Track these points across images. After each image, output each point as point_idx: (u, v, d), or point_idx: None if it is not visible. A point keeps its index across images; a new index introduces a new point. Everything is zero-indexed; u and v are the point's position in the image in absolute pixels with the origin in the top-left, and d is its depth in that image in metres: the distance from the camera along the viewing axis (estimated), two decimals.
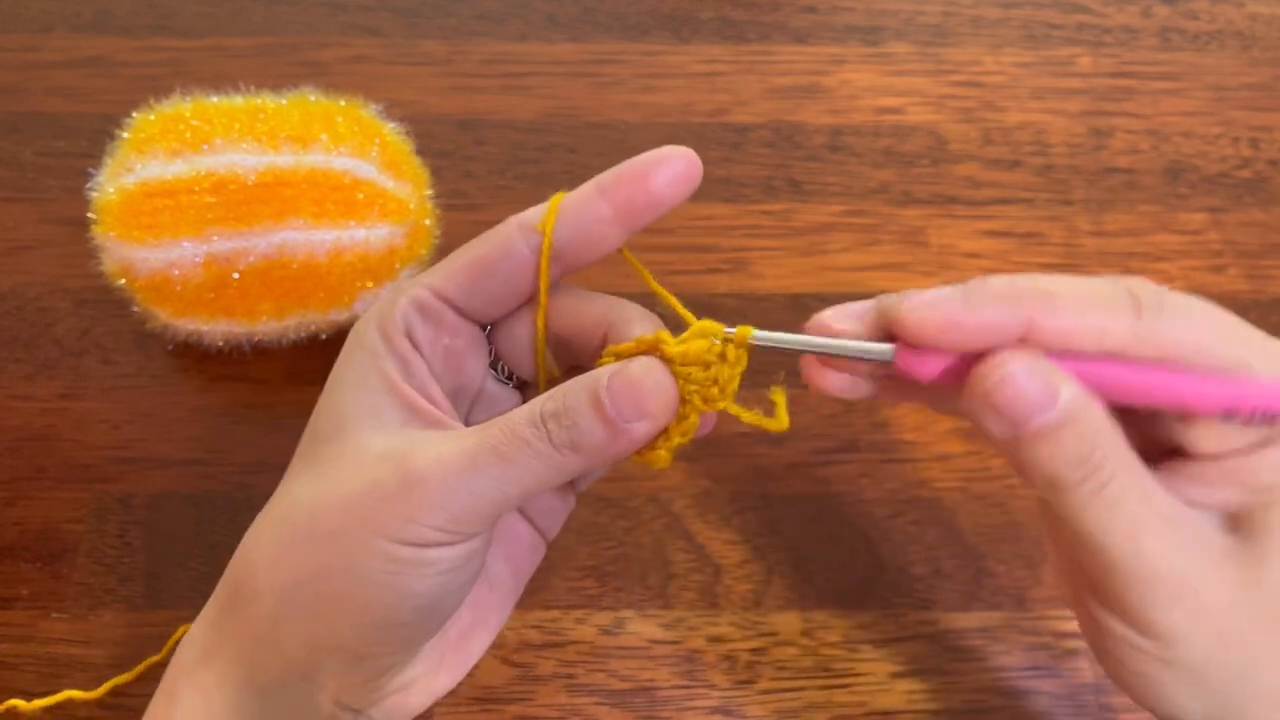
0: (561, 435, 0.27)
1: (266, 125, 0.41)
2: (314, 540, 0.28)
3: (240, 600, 0.29)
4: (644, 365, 0.27)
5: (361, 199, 0.40)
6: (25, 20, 0.54)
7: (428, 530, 0.27)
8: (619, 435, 0.27)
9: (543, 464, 0.27)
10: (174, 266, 0.40)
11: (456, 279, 0.30)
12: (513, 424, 0.27)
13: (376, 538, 0.27)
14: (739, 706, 0.38)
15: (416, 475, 0.27)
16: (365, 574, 0.27)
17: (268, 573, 0.29)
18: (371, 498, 0.27)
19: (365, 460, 0.28)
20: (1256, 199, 0.50)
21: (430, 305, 0.30)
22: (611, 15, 0.55)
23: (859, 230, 0.49)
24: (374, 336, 0.29)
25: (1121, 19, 0.56)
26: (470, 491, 0.27)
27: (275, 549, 0.29)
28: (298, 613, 0.28)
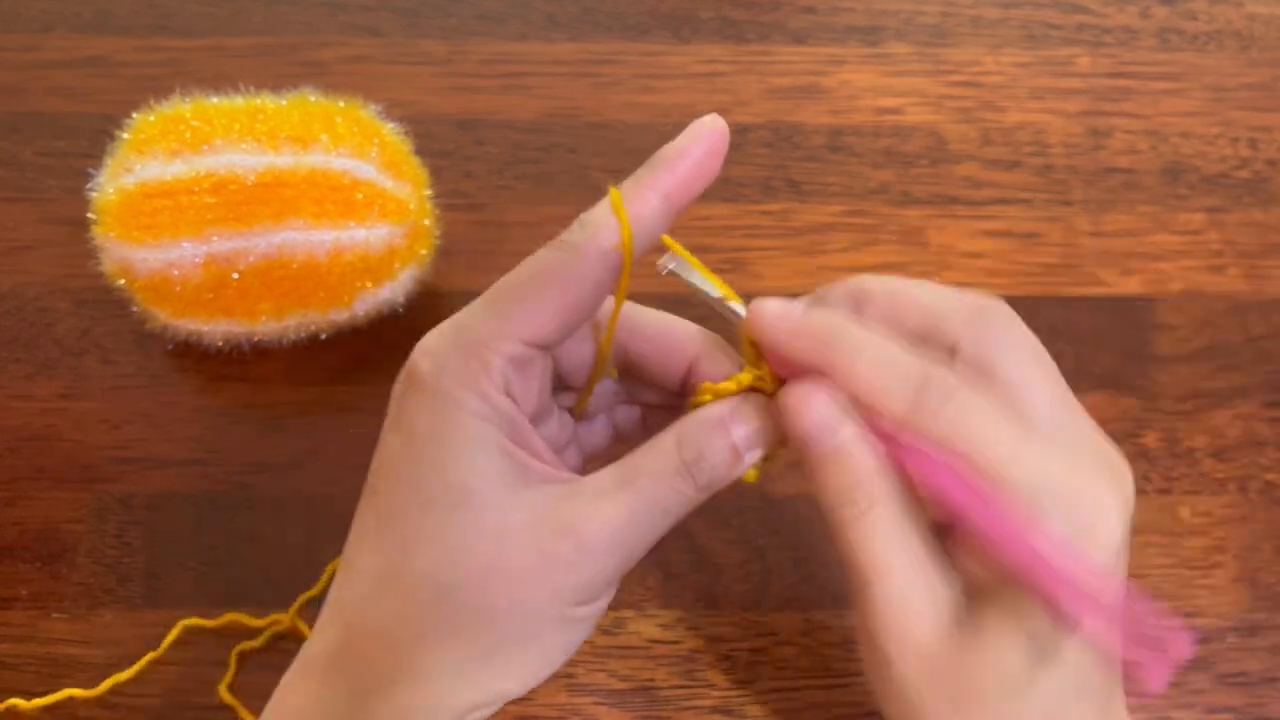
0: (706, 481, 0.29)
1: (266, 125, 0.41)
2: (490, 620, 0.28)
3: (387, 686, 0.28)
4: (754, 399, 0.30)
5: (361, 199, 0.40)
6: (25, 20, 0.54)
7: (598, 588, 0.29)
8: (739, 465, 0.29)
9: (686, 506, 0.29)
10: (174, 267, 0.40)
11: (548, 324, 0.28)
12: (663, 475, 0.29)
13: (554, 605, 0.28)
14: (739, 706, 0.38)
15: (589, 543, 0.28)
16: (543, 639, 0.29)
17: (435, 655, 0.28)
18: (546, 570, 0.28)
19: (517, 530, 0.28)
20: (1256, 199, 0.50)
21: (527, 359, 0.29)
22: (611, 15, 0.55)
23: (858, 230, 0.49)
24: (472, 397, 0.28)
25: (1121, 19, 0.56)
26: (631, 545, 0.29)
27: (439, 632, 0.28)
28: (464, 687, 0.28)
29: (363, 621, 0.29)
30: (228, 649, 0.38)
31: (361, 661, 0.29)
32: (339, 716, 0.28)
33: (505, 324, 0.28)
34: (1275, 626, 0.40)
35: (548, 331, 0.28)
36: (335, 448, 0.43)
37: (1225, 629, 0.40)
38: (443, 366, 0.28)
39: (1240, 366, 0.45)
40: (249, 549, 0.41)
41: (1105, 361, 0.45)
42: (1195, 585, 0.41)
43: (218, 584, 0.40)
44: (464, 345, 0.28)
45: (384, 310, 0.44)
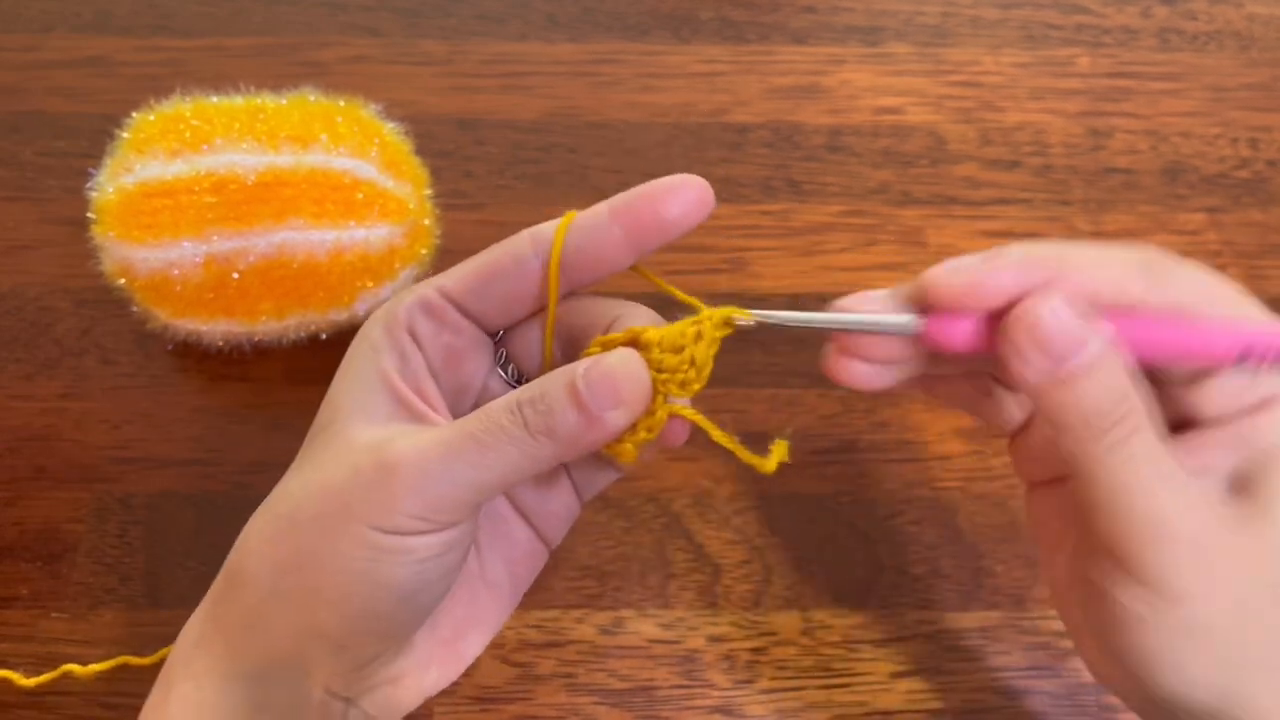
0: (537, 421, 0.27)
1: (266, 125, 0.41)
2: (297, 528, 0.28)
3: (231, 589, 0.30)
4: (620, 355, 0.28)
5: (361, 199, 0.40)
6: (25, 20, 0.54)
7: (405, 518, 0.27)
8: (594, 423, 0.27)
9: (519, 450, 0.27)
10: (174, 266, 0.40)
11: (465, 281, 0.30)
12: (490, 411, 0.28)
13: (355, 525, 0.27)
14: (739, 706, 0.38)
15: (394, 463, 0.27)
16: (345, 561, 0.28)
17: (255, 561, 0.29)
18: (350, 485, 0.28)
19: (350, 451, 0.28)
20: (1255, 199, 0.50)
21: (434, 303, 0.30)
22: (611, 15, 0.55)
23: (858, 230, 0.49)
24: (377, 331, 0.30)
25: (1120, 19, 0.56)
26: (447, 479, 0.27)
27: (262, 538, 0.29)
28: (282, 600, 0.28)
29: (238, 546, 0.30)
30: None
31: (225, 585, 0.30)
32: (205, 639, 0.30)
33: (433, 279, 0.31)
34: None
35: (460, 284, 0.30)
36: None
37: None
38: (376, 313, 0.31)
39: None
40: None
41: None
42: None
43: None
44: (393, 298, 0.31)
45: None
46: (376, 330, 0.30)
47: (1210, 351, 0.27)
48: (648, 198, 0.29)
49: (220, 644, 0.30)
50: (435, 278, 0.31)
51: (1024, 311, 0.26)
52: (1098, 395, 0.26)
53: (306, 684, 0.29)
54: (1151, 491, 0.26)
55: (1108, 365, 0.26)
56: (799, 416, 0.44)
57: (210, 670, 0.29)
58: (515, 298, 0.31)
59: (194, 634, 0.31)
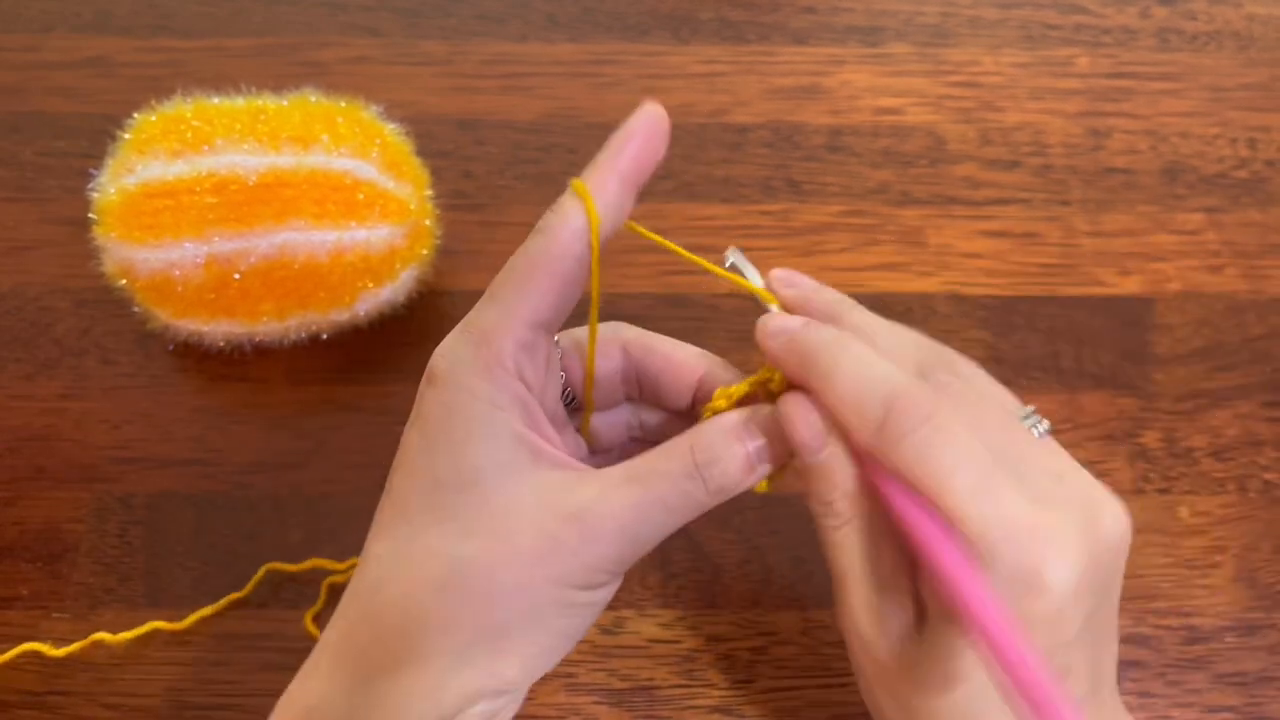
0: (716, 486, 0.30)
1: (267, 126, 0.41)
2: (494, 598, 0.28)
3: (395, 666, 0.29)
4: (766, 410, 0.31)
5: (362, 199, 0.40)
6: (25, 20, 0.54)
7: (600, 575, 0.29)
8: (751, 475, 0.30)
9: (694, 508, 0.30)
10: (175, 267, 0.40)
11: (546, 304, 0.30)
12: (673, 475, 0.29)
13: (561, 588, 0.29)
14: (738, 706, 0.38)
15: (595, 529, 0.28)
16: (547, 622, 0.29)
17: (442, 633, 0.28)
18: (554, 553, 0.28)
19: (526, 511, 0.29)
20: (1254, 199, 0.50)
21: (533, 342, 0.30)
22: (611, 15, 0.55)
23: (858, 230, 0.49)
24: (484, 384, 0.29)
25: (1120, 19, 0.56)
26: (636, 539, 0.29)
27: (446, 610, 0.28)
28: (467, 667, 0.28)
29: (372, 606, 0.29)
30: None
31: (368, 646, 0.29)
32: (344, 703, 0.29)
33: (507, 310, 0.30)
34: (1273, 626, 0.40)
35: (545, 308, 0.30)
36: (335, 448, 0.43)
37: (1223, 628, 0.40)
38: (456, 360, 0.30)
39: (1238, 366, 0.45)
40: (249, 549, 0.41)
41: (1104, 361, 0.45)
42: (1194, 585, 0.41)
43: (218, 583, 0.40)
44: (473, 337, 0.30)
45: (385, 310, 0.44)
46: (480, 380, 0.29)
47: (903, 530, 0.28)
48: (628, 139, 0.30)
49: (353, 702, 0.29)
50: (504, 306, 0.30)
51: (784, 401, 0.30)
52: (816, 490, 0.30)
53: None
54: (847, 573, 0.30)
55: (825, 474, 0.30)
56: None
57: None
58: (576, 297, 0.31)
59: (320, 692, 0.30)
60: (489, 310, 0.30)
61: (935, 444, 0.28)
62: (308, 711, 0.29)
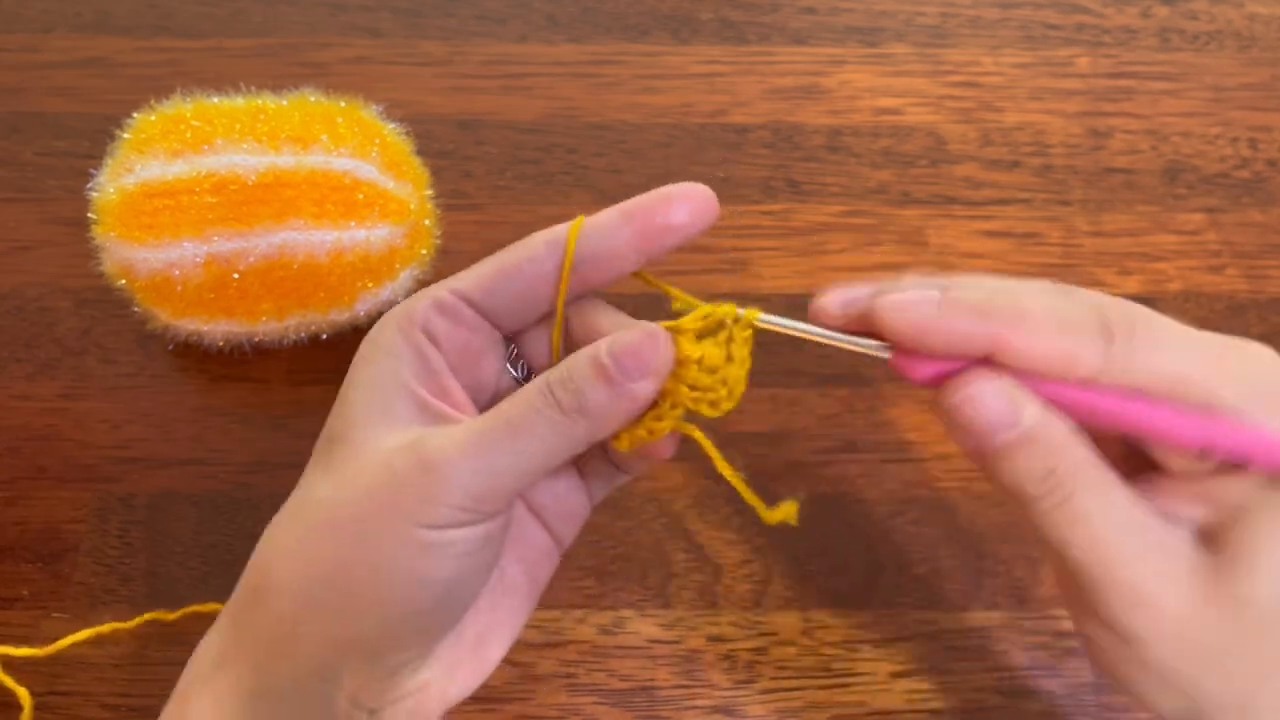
0: (569, 400, 0.28)
1: (267, 126, 0.41)
2: (333, 534, 0.28)
3: (257, 602, 0.29)
4: (642, 327, 0.29)
5: (362, 199, 0.40)
6: (25, 20, 0.54)
7: (447, 510, 0.27)
8: (621, 395, 0.28)
9: (554, 431, 0.28)
10: (174, 267, 0.40)
11: (479, 281, 0.30)
12: (522, 396, 0.28)
13: (397, 523, 0.27)
14: (739, 706, 0.38)
15: (434, 458, 0.27)
16: (387, 562, 0.28)
17: (286, 571, 0.29)
18: (389, 486, 0.28)
19: (378, 455, 0.28)
20: (1255, 199, 0.50)
21: (449, 303, 0.30)
22: (611, 16, 0.55)
23: (858, 230, 0.49)
24: (391, 335, 0.30)
25: (1120, 19, 0.56)
26: (488, 468, 0.27)
27: (293, 547, 0.29)
28: (317, 609, 0.28)
29: (255, 559, 0.30)
30: None
31: (248, 599, 0.30)
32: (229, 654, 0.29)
33: (446, 281, 0.31)
34: None
35: (476, 285, 0.30)
36: None
37: None
38: (386, 315, 0.30)
39: None
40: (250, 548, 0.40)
41: None
42: None
43: (219, 583, 0.40)
44: (405, 301, 0.31)
45: (385, 310, 0.43)
46: (389, 334, 0.30)
47: (1169, 440, 0.27)
48: (655, 202, 0.30)
49: (245, 661, 0.29)
50: (449, 279, 0.31)
51: (954, 390, 0.27)
52: (1022, 472, 0.27)
53: (335, 697, 0.29)
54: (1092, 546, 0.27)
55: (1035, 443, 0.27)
56: (799, 416, 0.44)
57: (234, 688, 0.29)
58: (528, 299, 0.31)
59: (214, 651, 0.30)
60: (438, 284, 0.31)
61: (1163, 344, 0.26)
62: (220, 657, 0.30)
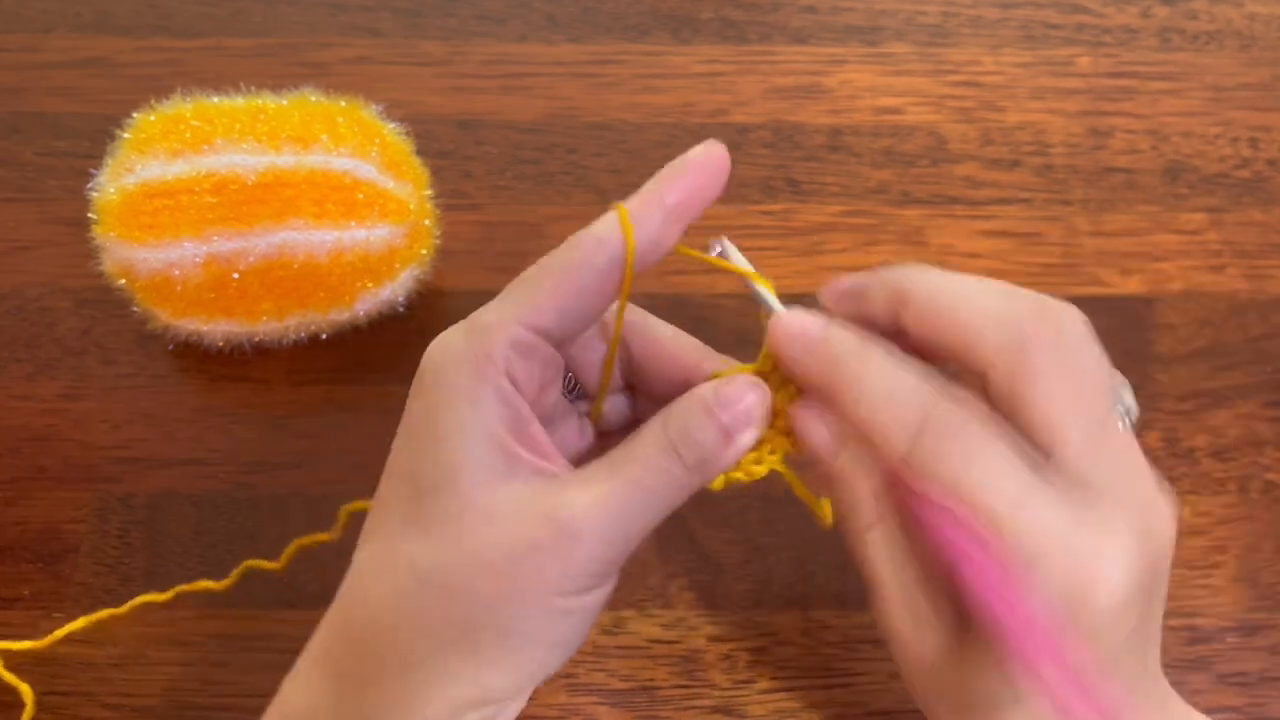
0: (694, 460, 0.28)
1: (267, 125, 0.41)
2: (471, 606, 0.27)
3: (362, 659, 0.28)
4: (746, 382, 0.29)
5: (362, 199, 0.40)
6: (25, 20, 0.54)
7: (586, 578, 0.28)
8: (730, 445, 0.28)
9: (676, 489, 0.28)
10: (174, 267, 0.40)
11: (549, 308, 0.29)
12: (646, 452, 0.28)
13: (540, 594, 0.27)
14: (739, 706, 0.38)
15: (573, 529, 0.27)
16: (528, 631, 0.28)
17: (419, 643, 0.28)
18: (530, 557, 0.27)
19: (501, 518, 0.27)
20: (1255, 199, 0.50)
21: (528, 342, 0.29)
22: (611, 16, 0.55)
23: (858, 230, 0.49)
24: (470, 381, 0.28)
25: (1121, 19, 0.56)
26: (623, 530, 0.28)
27: (422, 619, 0.28)
28: (449, 678, 0.28)
29: (352, 615, 0.29)
30: None
31: (347, 655, 0.29)
32: (328, 714, 0.28)
33: (508, 308, 0.29)
34: (1275, 626, 0.40)
35: (548, 314, 0.29)
36: (336, 448, 0.43)
37: (1225, 629, 0.40)
38: (447, 353, 0.29)
39: (1240, 366, 0.45)
40: (250, 549, 0.41)
41: None
42: (1195, 585, 0.41)
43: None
44: (472, 333, 0.29)
45: (385, 310, 0.44)
46: (466, 378, 0.28)
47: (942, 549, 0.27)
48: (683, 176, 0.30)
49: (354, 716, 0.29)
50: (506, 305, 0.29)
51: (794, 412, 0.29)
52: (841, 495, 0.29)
53: None
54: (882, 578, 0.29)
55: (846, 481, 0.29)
56: None
57: None
58: (589, 311, 0.30)
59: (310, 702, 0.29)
60: (492, 307, 0.29)
61: (972, 458, 0.26)
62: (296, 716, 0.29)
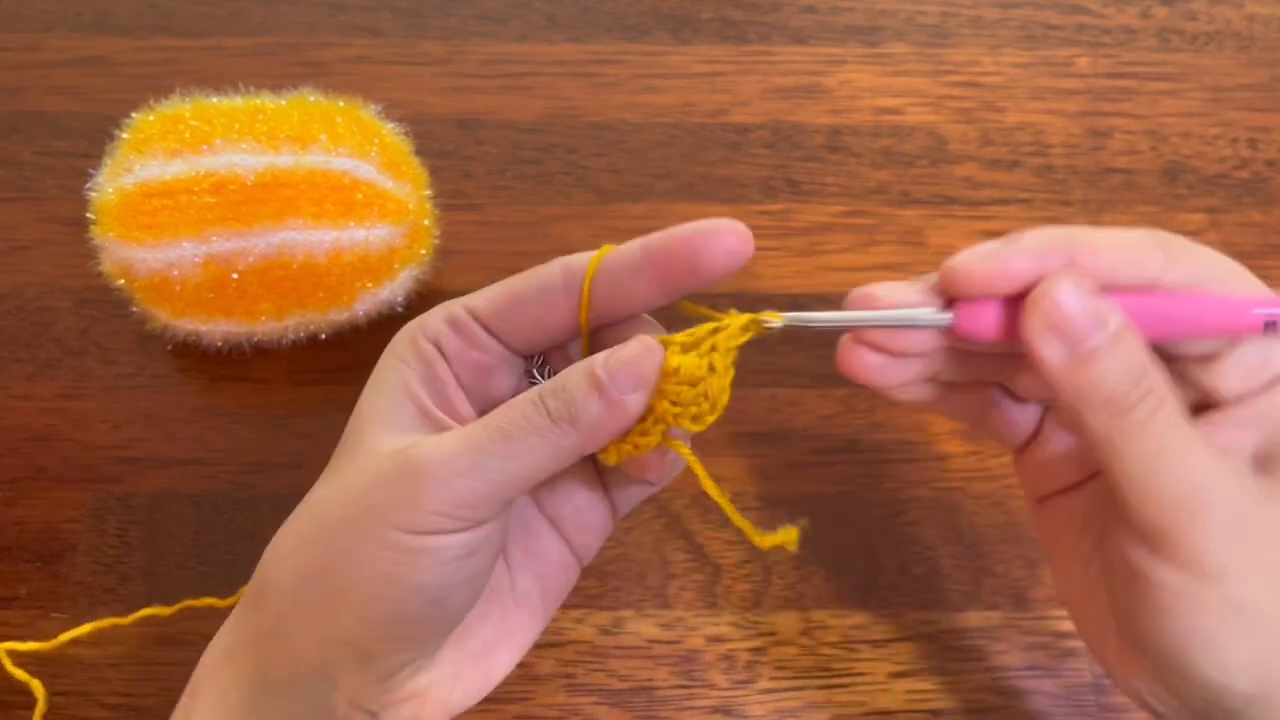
0: (560, 409, 0.28)
1: (266, 126, 0.41)
2: (321, 534, 0.29)
3: (257, 601, 0.30)
4: (638, 342, 0.28)
5: (361, 199, 0.40)
6: (25, 20, 0.54)
7: (432, 516, 0.27)
8: (614, 408, 0.28)
9: (544, 440, 0.28)
10: (173, 267, 0.40)
11: (492, 303, 0.30)
12: (513, 405, 0.28)
13: (381, 527, 0.27)
14: (738, 706, 0.38)
15: (419, 462, 0.27)
16: (370, 564, 0.28)
17: (279, 569, 0.29)
18: (374, 487, 0.28)
19: (373, 457, 0.29)
20: (1255, 199, 0.50)
21: (461, 319, 0.30)
22: (611, 15, 0.55)
23: (858, 230, 0.49)
24: (404, 345, 0.30)
25: (1120, 20, 0.56)
26: (473, 474, 0.27)
27: (287, 547, 0.30)
28: (307, 608, 0.29)
29: (265, 555, 0.30)
30: None
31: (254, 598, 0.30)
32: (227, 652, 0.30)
33: (462, 299, 0.31)
34: None
35: (489, 306, 0.30)
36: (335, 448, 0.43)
37: None
38: (402, 329, 0.31)
39: None
40: (249, 549, 0.40)
41: None
42: None
43: (218, 583, 0.40)
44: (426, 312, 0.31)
45: (384, 310, 0.44)
46: (402, 344, 0.30)
47: (1233, 324, 0.28)
48: (685, 242, 0.29)
49: (246, 655, 0.30)
50: (466, 297, 0.31)
51: (1040, 295, 0.26)
52: (1119, 372, 0.26)
53: (332, 696, 0.29)
54: (1184, 463, 0.26)
55: (1126, 343, 0.26)
56: (799, 416, 0.44)
57: (236, 682, 0.29)
58: (541, 325, 0.30)
59: (221, 646, 0.31)
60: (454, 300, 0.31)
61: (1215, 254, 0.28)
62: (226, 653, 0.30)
